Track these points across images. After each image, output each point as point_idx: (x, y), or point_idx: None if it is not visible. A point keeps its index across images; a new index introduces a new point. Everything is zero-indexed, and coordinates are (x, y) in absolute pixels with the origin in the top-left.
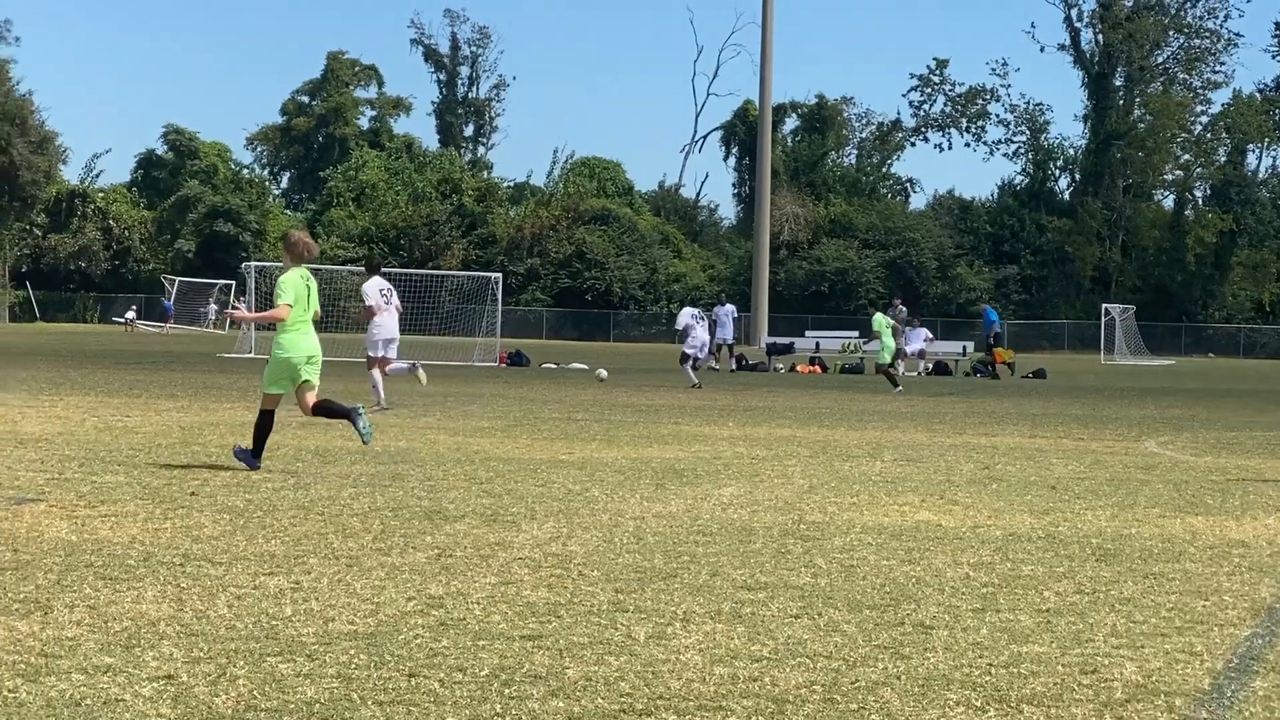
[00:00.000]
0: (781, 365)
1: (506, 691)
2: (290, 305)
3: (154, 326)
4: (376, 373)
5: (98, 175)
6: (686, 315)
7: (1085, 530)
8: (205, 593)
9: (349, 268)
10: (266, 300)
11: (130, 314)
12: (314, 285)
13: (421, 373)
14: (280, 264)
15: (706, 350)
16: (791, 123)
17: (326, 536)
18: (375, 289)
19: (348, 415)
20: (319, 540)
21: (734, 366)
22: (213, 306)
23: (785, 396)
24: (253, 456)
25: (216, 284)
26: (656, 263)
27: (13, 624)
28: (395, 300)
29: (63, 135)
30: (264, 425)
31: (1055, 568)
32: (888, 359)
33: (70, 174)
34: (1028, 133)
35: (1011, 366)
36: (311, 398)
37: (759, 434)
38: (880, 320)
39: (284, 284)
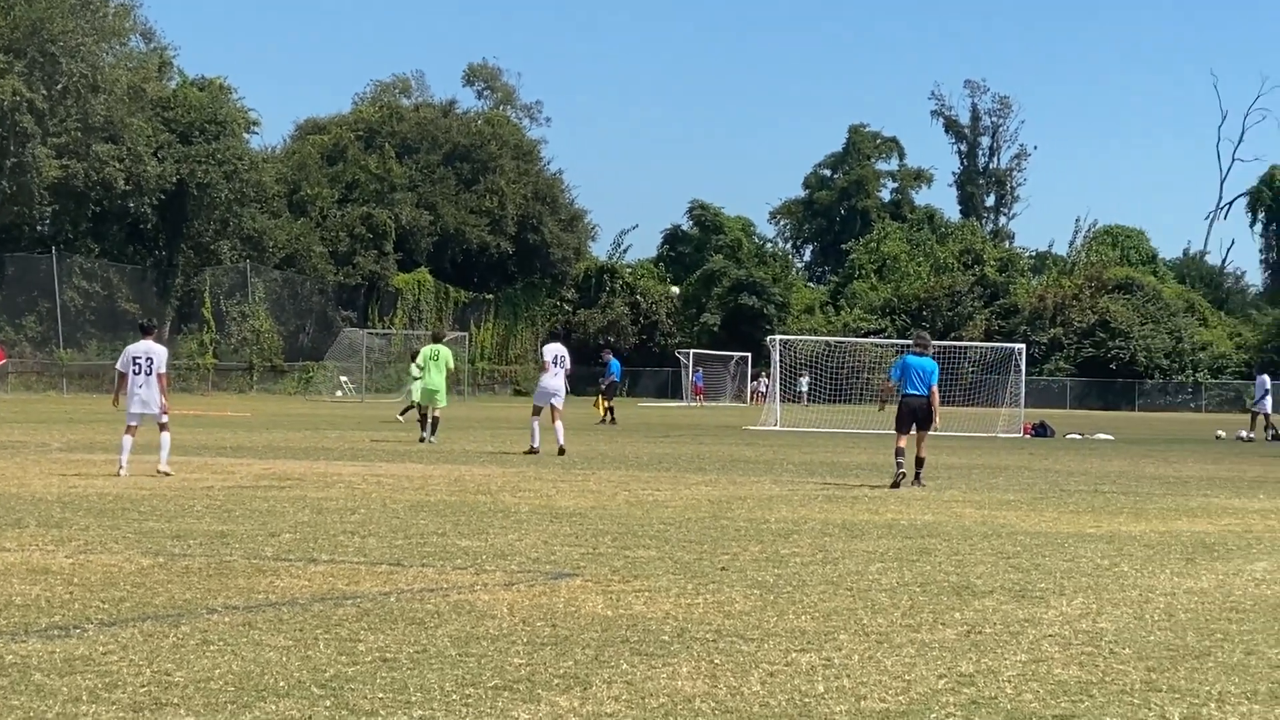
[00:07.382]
0: None
1: None
2: None
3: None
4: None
5: (625, 251)
6: None
7: None
8: (738, 669)
9: (871, 340)
10: (789, 372)
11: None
12: None
13: None
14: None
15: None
16: None
17: (856, 612)
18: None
19: None
20: (848, 616)
21: (1269, 437)
22: (763, 382)
23: None
24: None
25: (734, 356)
26: (1182, 331)
27: (554, 699)
28: None
29: (591, 213)
30: None
31: None
32: None
33: (599, 250)
34: None
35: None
36: None
37: None
38: None
39: None
